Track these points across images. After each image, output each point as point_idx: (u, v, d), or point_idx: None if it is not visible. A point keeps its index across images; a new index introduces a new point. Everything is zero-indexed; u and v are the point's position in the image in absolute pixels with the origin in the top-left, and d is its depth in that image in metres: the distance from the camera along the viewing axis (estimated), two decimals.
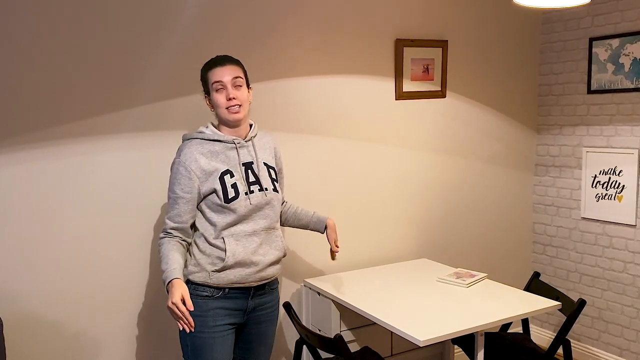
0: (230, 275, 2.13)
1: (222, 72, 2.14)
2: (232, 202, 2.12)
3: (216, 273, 2.12)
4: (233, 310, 2.18)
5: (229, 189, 2.12)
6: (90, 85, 2.39)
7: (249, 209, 2.15)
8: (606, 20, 3.27)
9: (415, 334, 2.16)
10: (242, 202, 2.13)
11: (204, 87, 2.20)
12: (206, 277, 2.13)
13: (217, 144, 2.16)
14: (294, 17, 2.80)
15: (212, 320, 2.13)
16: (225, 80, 2.13)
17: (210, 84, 2.15)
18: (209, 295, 2.14)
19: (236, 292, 2.17)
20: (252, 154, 2.22)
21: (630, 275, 3.24)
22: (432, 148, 3.30)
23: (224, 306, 2.15)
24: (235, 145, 2.18)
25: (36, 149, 2.31)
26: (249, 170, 2.19)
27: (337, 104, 2.97)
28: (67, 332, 2.42)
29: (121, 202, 2.49)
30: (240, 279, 2.15)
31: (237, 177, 2.15)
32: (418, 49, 3.16)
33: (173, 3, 2.50)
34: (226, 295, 2.15)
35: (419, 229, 3.31)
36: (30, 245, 2.33)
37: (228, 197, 2.12)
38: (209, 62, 2.19)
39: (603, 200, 3.33)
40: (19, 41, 2.24)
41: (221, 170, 2.13)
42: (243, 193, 2.14)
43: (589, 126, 3.41)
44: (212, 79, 2.14)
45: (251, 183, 2.17)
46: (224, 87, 2.13)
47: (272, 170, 2.27)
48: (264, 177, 2.21)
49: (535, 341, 3.35)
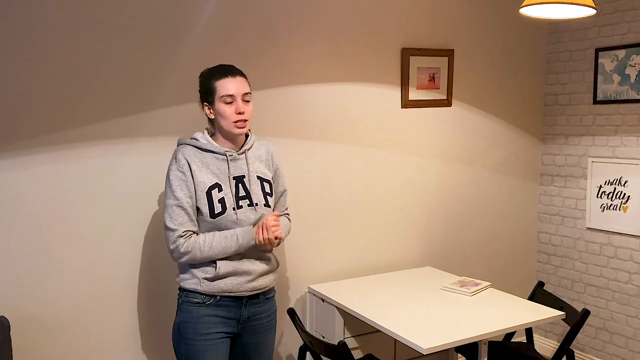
0: (221, 284, 2.11)
1: (234, 84, 2.09)
2: (218, 217, 2.09)
3: (207, 281, 2.10)
4: (226, 319, 2.15)
5: (216, 204, 2.09)
6: (109, 89, 2.41)
7: (236, 224, 2.11)
8: (612, 31, 3.28)
9: (419, 341, 2.16)
10: (229, 217, 2.10)
11: (207, 95, 2.13)
12: (197, 284, 2.11)
13: (208, 154, 2.12)
14: (303, 26, 2.82)
15: (203, 327, 2.11)
16: (236, 94, 2.09)
17: (219, 95, 2.09)
18: (200, 302, 2.12)
19: (228, 300, 2.14)
20: (244, 167, 2.16)
21: (635, 286, 3.23)
22: (437, 156, 3.31)
23: (215, 314, 2.13)
24: (226, 158, 2.13)
25: (53, 152, 2.33)
26: (239, 184, 2.14)
27: (343, 111, 2.98)
28: (75, 335, 2.44)
29: (137, 206, 2.50)
30: (231, 287, 2.13)
31: (225, 191, 2.11)
32: (424, 58, 3.18)
33: (188, 11, 2.53)
34: (218, 303, 2.13)
35: (423, 237, 3.32)
36: (40, 247, 2.35)
37: (214, 212, 2.09)
38: (216, 71, 2.13)
39: (608, 210, 3.33)
40: (41, 46, 2.27)
41: (209, 185, 2.09)
42: (230, 208, 2.10)
43: (594, 136, 3.41)
44: (223, 91, 2.08)
45: (241, 197, 2.13)
46: (234, 100, 2.09)
47: (266, 184, 2.22)
48: (255, 192, 2.17)
49: (539, 351, 3.34)
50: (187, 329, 2.12)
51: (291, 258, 2.88)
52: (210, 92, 2.12)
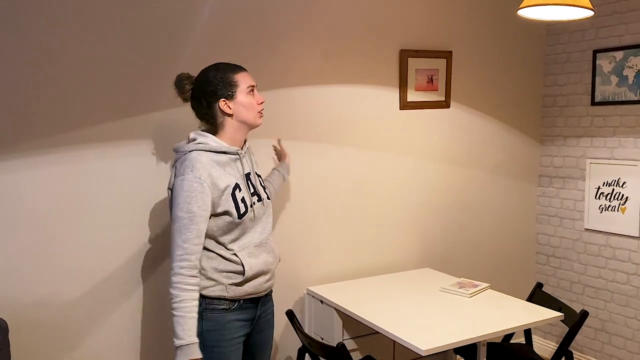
0: (247, 287, 2.10)
1: (250, 77, 2.13)
2: (243, 217, 2.08)
3: (233, 286, 2.08)
4: (245, 321, 2.16)
5: (240, 204, 2.07)
6: (106, 92, 2.41)
7: (253, 222, 2.12)
8: (610, 32, 3.28)
9: (418, 343, 2.16)
10: (249, 215, 2.10)
11: (226, 89, 2.07)
12: (223, 290, 2.07)
13: (223, 156, 2.07)
14: (301, 28, 2.82)
15: (228, 333, 2.10)
16: (255, 84, 2.13)
17: (245, 86, 2.09)
18: (226, 308, 2.09)
19: (249, 303, 2.15)
20: (247, 165, 2.17)
21: (633, 287, 3.23)
22: (436, 158, 3.31)
23: (238, 318, 2.12)
24: (239, 156, 2.12)
25: (51, 154, 2.33)
26: (248, 181, 2.15)
27: (341, 113, 2.98)
28: (73, 337, 2.43)
29: (137, 208, 2.50)
30: (254, 289, 2.13)
31: (244, 190, 2.10)
32: (422, 60, 3.18)
33: (186, 14, 2.53)
34: (241, 307, 2.12)
35: (422, 239, 3.32)
36: (39, 250, 2.35)
37: (240, 212, 2.06)
38: (227, 66, 2.12)
39: (606, 211, 3.33)
40: (39, 49, 2.27)
41: (232, 186, 2.05)
42: (250, 206, 2.10)
43: (592, 137, 3.42)
44: (247, 82, 2.10)
45: (251, 194, 2.13)
46: (254, 91, 2.13)
47: (260, 178, 2.24)
48: (259, 187, 2.19)
49: (538, 352, 3.34)
50: (212, 337, 2.08)
51: (290, 260, 2.88)
52: (231, 85, 2.07)
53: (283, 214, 2.86)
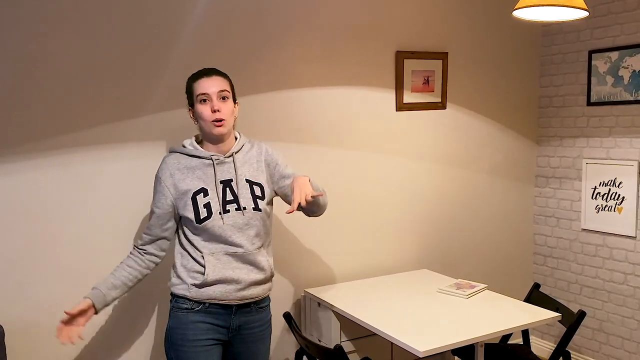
0: (209, 291, 2.08)
1: (209, 83, 2.08)
2: (204, 222, 2.06)
3: (195, 287, 2.08)
4: (215, 326, 2.12)
5: (201, 209, 2.07)
6: (98, 95, 2.41)
7: (223, 229, 2.08)
8: (605, 33, 3.29)
9: (415, 344, 2.16)
10: (215, 222, 2.07)
11: (189, 99, 2.14)
12: (186, 290, 2.09)
13: (195, 160, 2.11)
14: (296, 29, 2.82)
15: (192, 333, 2.09)
16: (210, 92, 2.06)
17: (195, 95, 2.08)
18: (189, 308, 2.10)
19: (216, 307, 2.11)
20: (231, 171, 2.13)
21: (630, 287, 3.24)
22: (432, 159, 3.31)
23: (204, 320, 2.10)
24: (212, 162, 2.11)
25: (45, 158, 2.33)
26: (227, 188, 2.11)
27: (337, 114, 2.98)
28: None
29: (127, 211, 2.50)
30: (219, 295, 2.09)
31: (211, 195, 2.08)
32: (418, 61, 3.19)
33: (178, 16, 2.53)
34: (207, 310, 2.10)
35: (419, 240, 3.32)
36: (33, 253, 2.34)
37: (200, 217, 2.06)
38: (195, 73, 2.13)
39: (603, 211, 3.34)
40: (30, 51, 2.27)
41: (194, 190, 2.08)
42: (217, 212, 2.07)
43: (588, 138, 3.42)
44: (198, 90, 2.08)
45: (228, 202, 2.10)
46: (209, 99, 2.06)
47: (256, 187, 2.16)
48: (243, 195, 2.12)
49: (536, 352, 3.35)
50: (176, 335, 2.10)
51: (287, 262, 2.87)
52: (190, 94, 2.14)
53: (280, 216, 2.85)
